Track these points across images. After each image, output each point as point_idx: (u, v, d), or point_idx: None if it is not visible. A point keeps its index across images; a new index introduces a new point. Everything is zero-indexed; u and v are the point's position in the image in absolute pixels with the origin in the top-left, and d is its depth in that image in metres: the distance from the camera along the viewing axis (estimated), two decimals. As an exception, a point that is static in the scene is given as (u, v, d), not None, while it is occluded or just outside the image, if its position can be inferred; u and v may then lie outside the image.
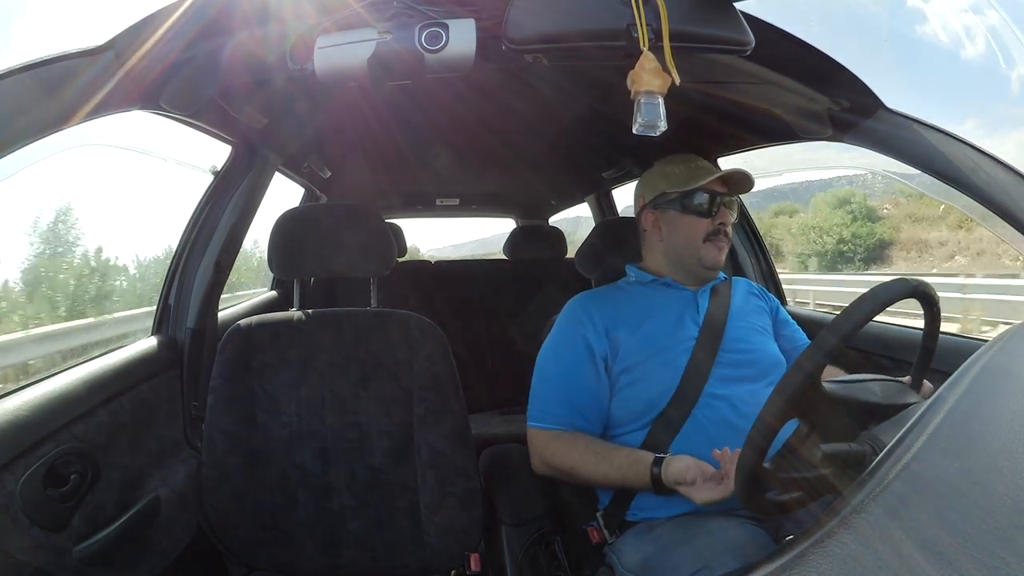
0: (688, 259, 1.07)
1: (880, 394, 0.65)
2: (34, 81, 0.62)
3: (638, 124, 0.74)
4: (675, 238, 1.08)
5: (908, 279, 0.66)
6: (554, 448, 0.98)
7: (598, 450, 0.95)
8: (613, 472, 0.92)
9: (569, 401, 1.00)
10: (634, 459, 0.91)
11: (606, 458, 0.94)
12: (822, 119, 1.01)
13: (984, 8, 1.39)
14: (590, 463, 0.94)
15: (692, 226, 1.06)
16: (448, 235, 79.86)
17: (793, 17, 0.87)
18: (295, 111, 1.23)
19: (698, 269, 1.07)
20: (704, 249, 1.05)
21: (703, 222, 1.05)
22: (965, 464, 0.36)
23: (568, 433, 0.98)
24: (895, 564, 0.30)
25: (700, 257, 1.05)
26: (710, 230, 1.05)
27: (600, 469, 0.93)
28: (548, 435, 0.99)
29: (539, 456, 1.00)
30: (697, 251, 1.06)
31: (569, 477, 0.98)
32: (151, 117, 0.90)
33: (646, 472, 0.88)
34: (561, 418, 0.99)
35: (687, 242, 1.07)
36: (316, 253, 1.08)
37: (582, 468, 0.95)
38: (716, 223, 1.05)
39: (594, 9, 0.73)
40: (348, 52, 0.76)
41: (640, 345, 1.00)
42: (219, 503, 1.02)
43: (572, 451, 0.96)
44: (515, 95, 1.27)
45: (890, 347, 1.21)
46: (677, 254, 1.08)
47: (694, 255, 1.06)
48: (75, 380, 0.91)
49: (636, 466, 0.90)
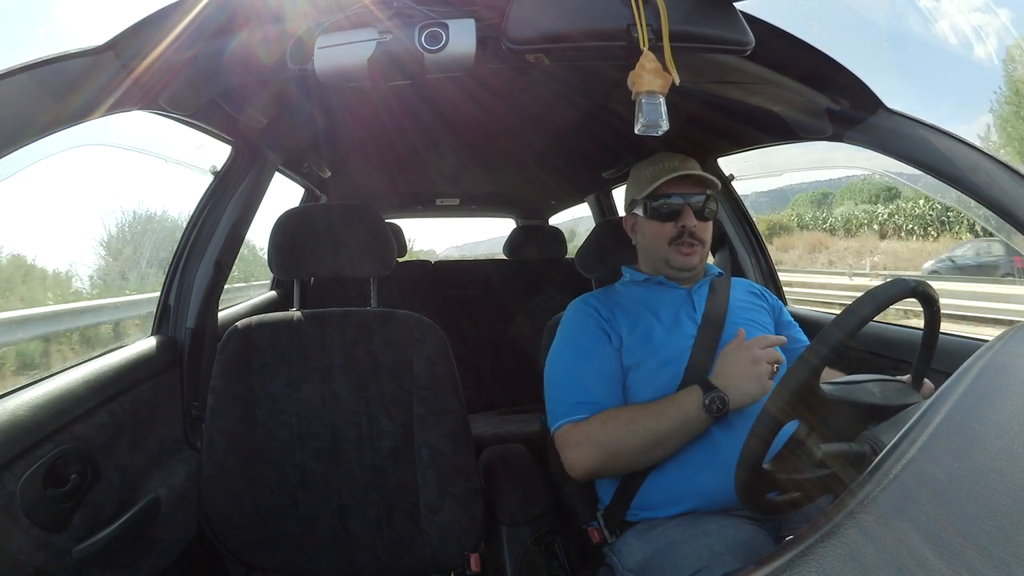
0: (659, 262, 1.08)
1: (879, 395, 0.65)
2: (34, 81, 0.62)
3: (640, 124, 0.74)
4: (644, 242, 1.10)
5: (908, 279, 0.66)
6: (596, 431, 0.91)
7: (638, 409, 0.91)
8: (666, 415, 0.88)
9: (596, 383, 0.97)
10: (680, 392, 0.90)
11: (650, 409, 0.90)
12: (822, 119, 1.01)
13: (988, 8, 1.39)
14: (639, 421, 0.89)
15: (656, 231, 1.06)
16: (463, 234, 79.67)
17: (793, 17, 0.87)
18: (295, 111, 1.23)
19: (671, 272, 1.07)
20: (671, 253, 1.05)
21: (666, 226, 1.05)
22: (965, 464, 0.36)
23: (602, 412, 0.93)
24: (895, 563, 0.30)
25: (668, 260, 1.06)
26: (673, 234, 1.04)
27: (652, 421, 0.88)
28: (583, 425, 0.93)
29: (579, 450, 0.92)
30: (665, 255, 1.06)
31: (617, 457, 0.90)
32: (151, 117, 0.90)
33: (697, 391, 0.87)
34: (591, 404, 0.95)
35: (654, 246, 1.07)
36: (316, 253, 1.08)
37: (630, 436, 0.89)
38: (679, 226, 1.04)
39: (594, 9, 0.73)
40: (348, 52, 0.76)
41: (639, 344, 1.00)
42: (219, 503, 1.02)
43: (616, 421, 0.90)
44: (515, 95, 1.27)
45: (890, 347, 1.21)
46: (650, 257, 1.10)
47: (662, 258, 1.07)
48: (75, 380, 0.91)
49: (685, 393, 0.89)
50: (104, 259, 6.98)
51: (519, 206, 3.11)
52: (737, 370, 0.86)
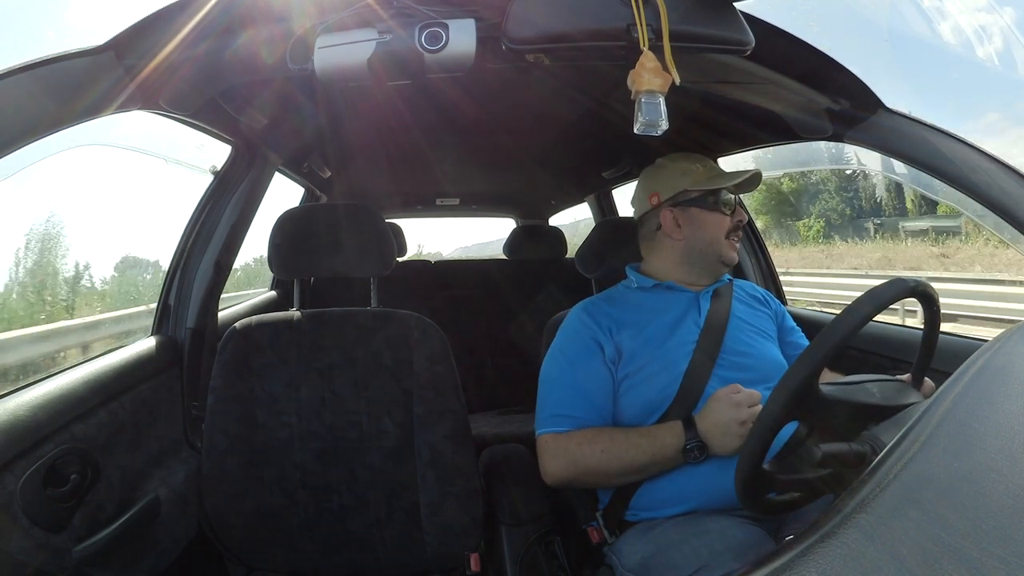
0: (710, 256, 1.08)
1: (879, 395, 0.65)
2: (34, 81, 0.62)
3: (640, 124, 0.74)
4: (699, 235, 1.08)
5: (907, 279, 0.66)
6: (573, 449, 0.94)
7: (618, 436, 0.93)
8: (642, 449, 0.90)
9: (581, 398, 0.98)
10: (661, 427, 0.92)
11: (630, 439, 0.92)
12: (822, 118, 1.01)
13: (990, 8, 1.39)
14: (615, 450, 0.91)
15: (717, 223, 1.08)
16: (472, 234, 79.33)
17: (793, 17, 0.88)
18: (295, 111, 1.23)
19: (717, 266, 1.09)
20: (724, 246, 1.08)
21: (726, 219, 1.08)
22: (965, 464, 0.36)
23: (584, 430, 0.95)
24: (895, 563, 0.30)
25: (721, 254, 1.08)
26: (731, 227, 1.08)
27: (628, 453, 0.90)
28: (563, 438, 0.95)
29: (555, 462, 0.95)
30: (719, 248, 1.08)
31: (590, 475, 0.94)
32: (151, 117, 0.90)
33: (679, 431, 0.89)
34: (574, 418, 0.96)
35: (712, 239, 1.08)
36: (316, 253, 1.08)
37: (605, 462, 0.91)
38: (735, 220, 1.08)
39: (594, 9, 0.73)
40: (348, 52, 0.76)
41: (642, 349, 1.00)
42: (219, 503, 1.02)
43: (593, 445, 0.92)
44: (515, 95, 1.27)
45: (890, 347, 1.21)
46: (699, 252, 1.09)
47: (716, 252, 1.08)
48: (75, 380, 0.91)
49: (667, 429, 0.90)
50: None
51: (519, 206, 3.11)
52: (723, 422, 0.86)
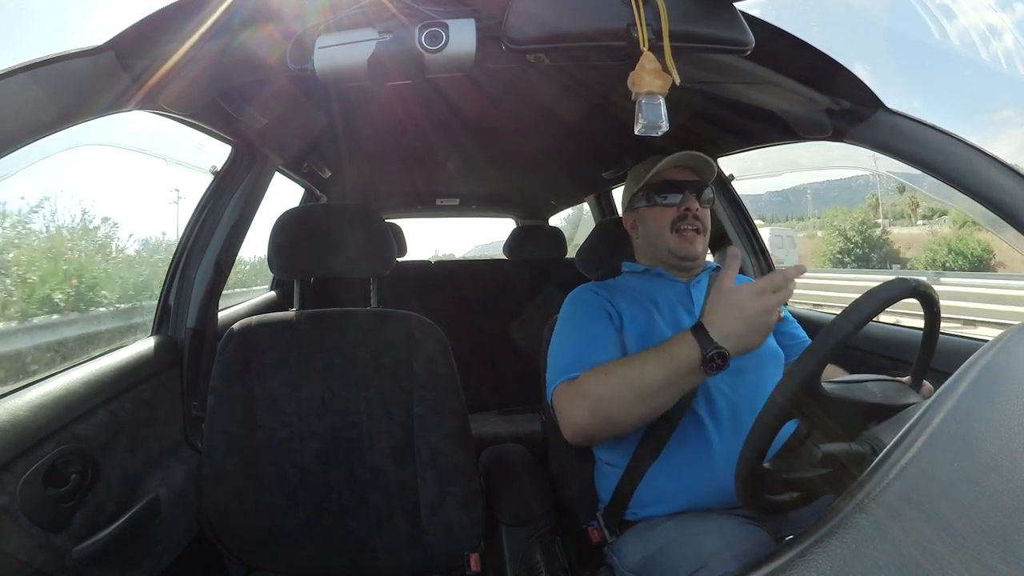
0: (660, 251, 1.08)
1: (880, 394, 0.65)
2: (34, 81, 0.62)
3: (640, 125, 0.74)
4: (646, 232, 1.10)
5: (907, 279, 0.66)
6: (587, 387, 0.89)
7: (631, 361, 0.89)
8: (657, 368, 0.83)
9: (592, 348, 0.96)
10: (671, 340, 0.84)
11: (642, 359, 0.86)
12: (822, 119, 1.01)
13: (990, 8, 1.39)
14: (630, 375, 0.85)
15: (658, 216, 1.07)
16: (483, 233, 79.16)
17: (793, 17, 0.88)
18: (295, 111, 1.23)
19: (672, 260, 1.08)
20: (673, 240, 1.06)
21: (668, 211, 1.06)
22: (965, 464, 0.36)
23: (595, 368, 0.91)
24: (895, 564, 0.30)
25: (670, 248, 1.06)
26: (675, 217, 1.06)
27: (643, 377, 0.84)
28: (577, 381, 0.92)
29: (572, 407, 0.91)
30: (666, 242, 1.07)
31: (609, 413, 0.87)
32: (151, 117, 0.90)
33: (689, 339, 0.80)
34: (584, 362, 0.93)
35: (656, 233, 1.08)
36: (316, 253, 1.08)
37: (623, 389, 0.86)
38: (681, 209, 1.05)
39: (594, 9, 0.73)
40: (348, 52, 0.76)
41: (638, 335, 1.00)
42: (219, 503, 1.02)
43: (607, 378, 0.88)
44: (515, 95, 1.27)
45: (890, 347, 1.21)
46: (652, 247, 1.10)
47: (664, 246, 1.07)
48: (75, 380, 0.90)
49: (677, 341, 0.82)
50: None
51: (519, 206, 3.11)
52: (747, 315, 0.77)
